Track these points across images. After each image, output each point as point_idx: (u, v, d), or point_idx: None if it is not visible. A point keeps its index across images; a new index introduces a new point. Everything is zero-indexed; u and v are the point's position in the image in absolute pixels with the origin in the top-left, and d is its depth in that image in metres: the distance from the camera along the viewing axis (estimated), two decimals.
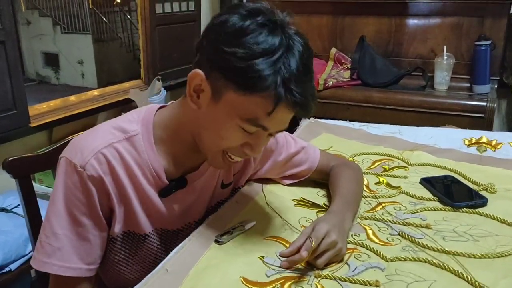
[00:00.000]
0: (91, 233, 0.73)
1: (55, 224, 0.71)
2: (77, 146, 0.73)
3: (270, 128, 0.69)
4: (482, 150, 1.24)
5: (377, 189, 1.01)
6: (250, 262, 0.72)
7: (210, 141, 0.73)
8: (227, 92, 0.66)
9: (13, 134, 1.76)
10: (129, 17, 6.80)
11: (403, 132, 1.37)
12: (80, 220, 0.71)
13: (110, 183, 0.73)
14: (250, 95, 0.64)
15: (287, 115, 0.69)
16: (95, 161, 0.71)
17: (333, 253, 0.71)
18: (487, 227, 0.84)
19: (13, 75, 1.74)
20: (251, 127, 0.68)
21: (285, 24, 0.67)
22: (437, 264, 0.72)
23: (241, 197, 0.94)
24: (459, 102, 2.01)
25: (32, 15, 6.93)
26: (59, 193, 0.71)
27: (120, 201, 0.75)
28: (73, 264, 0.71)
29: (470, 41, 2.15)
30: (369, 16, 2.37)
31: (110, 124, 0.76)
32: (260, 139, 0.71)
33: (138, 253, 0.81)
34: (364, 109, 2.15)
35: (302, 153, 0.97)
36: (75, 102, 2.16)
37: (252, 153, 0.72)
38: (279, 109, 0.65)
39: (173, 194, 0.80)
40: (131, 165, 0.74)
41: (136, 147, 0.75)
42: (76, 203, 0.71)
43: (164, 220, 0.81)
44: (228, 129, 0.69)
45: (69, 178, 0.71)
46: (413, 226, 0.84)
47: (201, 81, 0.68)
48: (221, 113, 0.68)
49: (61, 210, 0.71)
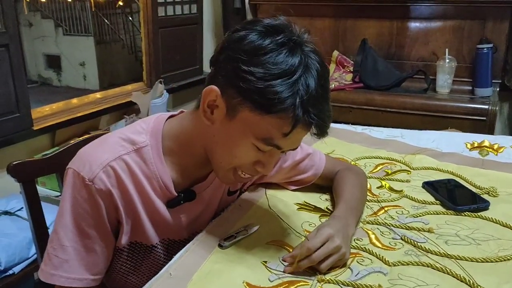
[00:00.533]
0: (98, 244, 0.73)
1: (63, 236, 0.71)
2: (85, 158, 0.72)
3: (284, 148, 0.69)
4: (484, 154, 1.24)
5: (380, 193, 1.01)
6: (253, 267, 0.72)
7: (222, 158, 0.72)
8: (243, 110, 0.65)
9: (16, 137, 1.77)
10: (131, 18, 6.82)
11: (405, 136, 1.37)
12: (88, 232, 0.72)
13: (118, 196, 0.73)
14: (267, 115, 0.64)
15: (302, 134, 0.69)
16: (104, 174, 0.70)
17: (337, 257, 0.71)
18: (489, 231, 0.85)
19: (16, 78, 1.75)
20: (265, 147, 0.67)
21: (303, 42, 0.66)
22: (439, 268, 0.72)
23: (244, 201, 0.94)
24: (461, 105, 2.01)
25: (34, 17, 6.97)
26: (67, 206, 0.72)
27: (128, 213, 0.75)
28: (79, 275, 0.71)
29: (472, 44, 2.16)
30: (371, 19, 2.38)
31: (118, 136, 0.75)
32: (272, 158, 0.71)
33: (145, 263, 0.81)
34: (366, 112, 2.15)
35: (307, 159, 0.96)
36: (77, 105, 2.17)
37: (264, 171, 0.72)
38: (296, 130, 0.65)
39: (181, 206, 0.80)
40: (140, 177, 0.74)
41: (144, 159, 0.74)
42: (84, 215, 0.71)
43: (171, 231, 0.81)
44: (241, 147, 0.68)
45: (77, 191, 0.71)
46: (416, 230, 0.85)
47: (216, 97, 0.67)
48: (235, 131, 0.68)
49: (69, 223, 0.71)
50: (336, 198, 0.90)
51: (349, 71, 2.36)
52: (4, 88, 1.70)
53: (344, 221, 0.78)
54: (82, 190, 0.70)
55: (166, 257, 0.83)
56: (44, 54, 7.11)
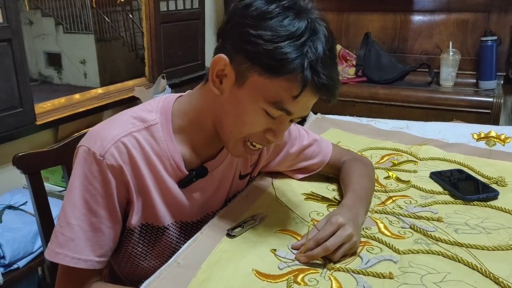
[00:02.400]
0: (105, 224, 0.72)
1: (70, 214, 0.70)
2: (96, 135, 0.72)
3: (294, 113, 0.68)
4: (492, 144, 1.23)
5: (387, 183, 1.01)
6: (262, 255, 0.71)
7: (232, 127, 0.72)
8: (252, 75, 0.66)
9: (19, 132, 1.76)
10: (131, 16, 6.80)
11: (411, 127, 1.37)
12: (96, 211, 0.71)
13: (130, 173, 0.72)
14: (276, 78, 0.64)
15: (312, 100, 0.68)
16: (115, 149, 0.70)
17: (348, 246, 0.70)
18: (499, 220, 0.84)
19: (19, 73, 1.74)
20: (275, 111, 0.67)
21: (308, 8, 0.67)
22: (450, 256, 0.71)
23: (251, 191, 0.93)
24: (465, 98, 2.00)
25: (35, 15, 6.95)
26: (76, 182, 0.71)
27: (139, 192, 0.74)
28: (84, 255, 0.70)
29: (476, 36, 2.15)
30: (374, 12, 2.36)
31: (128, 114, 0.76)
32: (283, 125, 0.71)
33: (157, 246, 0.81)
34: (370, 106, 2.14)
35: (314, 145, 0.96)
36: (80, 100, 2.16)
37: (275, 139, 0.72)
38: (305, 93, 0.65)
39: (193, 185, 0.79)
40: (151, 155, 0.74)
41: (155, 137, 0.74)
42: (93, 192, 0.70)
43: (184, 212, 0.81)
44: (251, 113, 0.68)
45: (87, 167, 0.70)
46: (425, 220, 0.84)
47: (224, 66, 0.68)
48: (245, 97, 0.68)
49: (77, 200, 0.70)
50: (344, 188, 0.89)
51: (352, 65, 2.35)
52: (7, 83, 1.69)
53: (354, 210, 0.78)
54: (93, 166, 0.70)
55: (178, 239, 0.82)
56: (44, 52, 7.09)
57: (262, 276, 0.67)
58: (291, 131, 0.94)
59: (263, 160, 0.94)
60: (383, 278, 0.66)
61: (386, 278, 0.66)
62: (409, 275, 0.67)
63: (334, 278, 0.66)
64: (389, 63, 2.24)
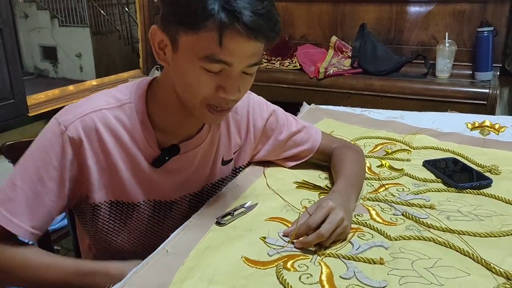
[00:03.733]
0: (49, 197, 0.71)
1: (18, 176, 0.70)
2: (68, 109, 0.74)
3: (233, 62, 0.66)
4: (486, 133, 1.22)
5: (380, 172, 1.00)
6: (252, 243, 0.71)
7: (186, 94, 0.72)
8: (180, 37, 0.66)
9: (11, 123, 1.75)
10: (127, 9, 6.76)
11: (405, 117, 1.36)
12: (44, 181, 0.70)
13: (92, 149, 0.72)
14: (199, 31, 0.63)
15: (243, 44, 0.64)
16: (80, 123, 0.71)
17: (340, 230, 0.70)
18: (492, 207, 0.83)
19: (10, 63, 1.72)
20: (212, 65, 0.66)
21: None
22: (442, 242, 0.70)
23: (242, 180, 0.92)
24: (461, 90, 1.99)
25: (30, 8, 6.90)
26: (34, 148, 0.72)
27: (105, 168, 0.75)
28: (18, 220, 0.68)
29: (472, 27, 2.13)
30: (370, 3, 2.34)
31: (104, 92, 0.78)
32: (231, 79, 0.68)
33: (128, 222, 0.81)
34: (365, 97, 2.13)
35: (303, 132, 0.96)
36: (73, 92, 2.15)
37: (226, 94, 0.69)
38: (229, 38, 0.62)
39: (168, 165, 0.79)
40: (121, 132, 0.74)
41: (127, 115, 0.75)
42: (46, 162, 0.70)
43: (157, 191, 0.81)
44: (192, 74, 0.68)
45: (49, 137, 0.71)
46: (417, 207, 0.83)
47: (160, 36, 0.68)
48: (183, 60, 0.68)
49: (29, 165, 0.70)
50: (335, 174, 0.88)
51: (347, 56, 2.33)
52: None
53: (345, 195, 0.77)
54: (55, 136, 0.71)
55: (152, 217, 0.83)
56: (40, 45, 7.05)
57: (251, 263, 0.66)
58: (279, 118, 0.93)
59: (250, 148, 0.93)
60: (373, 263, 0.65)
61: (376, 263, 0.65)
62: (400, 261, 0.66)
63: (324, 264, 0.65)
64: (384, 54, 2.22)
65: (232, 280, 0.62)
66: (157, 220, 0.84)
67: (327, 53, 2.39)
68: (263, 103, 0.94)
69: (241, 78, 0.70)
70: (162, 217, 0.84)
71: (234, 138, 0.90)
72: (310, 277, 0.62)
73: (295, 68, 2.28)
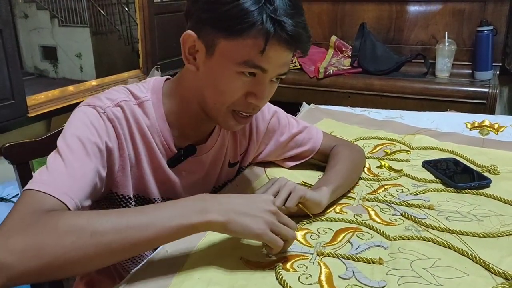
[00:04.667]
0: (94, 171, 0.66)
1: (68, 155, 0.64)
2: (95, 97, 0.73)
3: (268, 69, 0.67)
4: (485, 133, 1.22)
5: (379, 172, 1.00)
6: (251, 243, 0.71)
7: (214, 99, 0.72)
8: (219, 42, 0.66)
9: (11, 124, 1.75)
10: (127, 9, 6.75)
11: (405, 117, 1.36)
12: (89, 154, 0.66)
13: (124, 135, 0.72)
14: (240, 38, 0.64)
15: (282, 53, 0.67)
16: (114, 109, 0.71)
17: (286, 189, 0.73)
18: (491, 207, 0.83)
19: (10, 64, 1.72)
20: (248, 69, 0.67)
21: None
22: (441, 242, 0.71)
23: (242, 181, 0.93)
24: (461, 89, 1.99)
25: (30, 8, 6.89)
26: (72, 129, 0.67)
27: (132, 160, 0.75)
28: (72, 194, 0.61)
29: (472, 26, 2.13)
30: (370, 2, 2.35)
31: (119, 89, 0.77)
32: (262, 85, 0.70)
33: None
34: (365, 97, 2.13)
35: (304, 132, 0.96)
36: (73, 92, 2.15)
37: (257, 101, 0.71)
38: (272, 46, 0.64)
39: (181, 166, 0.79)
40: (144, 127, 0.75)
41: (147, 113, 0.75)
42: (89, 136, 0.67)
43: (171, 191, 0.81)
44: (226, 79, 0.68)
45: (86, 117, 0.69)
46: (416, 207, 0.83)
47: (194, 42, 0.69)
48: (217, 65, 0.68)
49: (73, 144, 0.65)
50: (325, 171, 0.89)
51: (347, 56, 2.34)
52: None
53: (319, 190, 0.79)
54: (94, 115, 0.69)
55: None
56: (40, 45, 7.04)
57: (250, 264, 0.66)
58: (280, 119, 0.94)
59: (253, 149, 0.93)
60: (372, 263, 0.65)
61: (375, 263, 0.65)
62: (399, 261, 0.66)
63: (323, 264, 0.66)
64: (384, 53, 2.23)
65: (231, 281, 0.62)
66: None
67: (327, 52, 2.39)
68: (265, 105, 0.94)
69: (270, 86, 0.72)
70: None
71: (240, 141, 0.90)
72: (309, 277, 0.62)
73: (295, 68, 2.29)
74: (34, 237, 0.52)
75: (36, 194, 0.59)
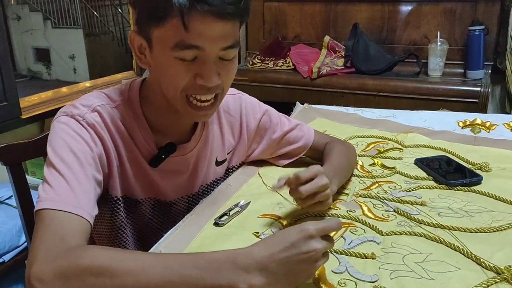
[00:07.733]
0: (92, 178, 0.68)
1: (62, 168, 0.64)
2: (70, 106, 0.74)
3: (203, 46, 0.65)
4: (476, 131, 1.24)
5: (372, 170, 1.01)
6: (245, 239, 0.71)
7: (167, 89, 0.72)
8: (153, 33, 0.67)
9: (4, 126, 1.74)
10: (120, 10, 6.73)
11: (398, 116, 1.37)
12: (83, 163, 0.67)
13: (106, 138, 0.73)
14: (165, 22, 0.65)
15: (208, 24, 0.64)
16: (91, 115, 0.72)
17: (322, 196, 0.72)
18: (482, 203, 0.84)
19: (3, 66, 1.72)
20: (184, 52, 0.66)
21: None
22: (432, 238, 0.71)
23: (235, 180, 0.93)
24: (453, 88, 2.01)
25: (22, 10, 6.86)
26: (59, 142, 0.67)
27: (117, 162, 0.75)
28: (83, 208, 0.63)
29: (464, 26, 2.15)
30: (362, 3, 2.36)
31: (98, 92, 0.78)
32: (206, 65, 0.67)
33: (133, 217, 0.82)
34: (358, 96, 2.14)
35: (296, 129, 0.97)
36: (66, 94, 2.14)
37: (204, 81, 0.68)
38: (194, 19, 0.63)
39: (166, 166, 0.80)
40: (123, 129, 0.75)
41: (125, 115, 0.76)
42: (78, 147, 0.67)
43: (155, 191, 0.82)
44: (169, 66, 0.68)
45: (68, 128, 0.69)
46: (409, 204, 0.84)
47: (139, 40, 0.70)
48: (159, 55, 0.68)
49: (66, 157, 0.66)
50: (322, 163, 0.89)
51: (340, 56, 2.35)
52: None
53: (329, 177, 0.78)
54: (74, 124, 0.70)
55: (152, 215, 0.84)
56: (33, 47, 7.01)
57: None
58: (272, 118, 0.94)
59: (244, 148, 0.94)
60: (365, 258, 0.66)
61: (368, 258, 0.66)
62: (391, 256, 0.67)
63: None
64: (377, 53, 2.24)
65: None
66: (157, 219, 0.85)
67: (320, 53, 2.40)
68: (256, 104, 0.95)
69: (220, 64, 0.70)
70: (163, 216, 0.85)
71: (227, 139, 0.90)
72: None
73: (288, 68, 2.29)
74: (60, 269, 0.53)
75: (50, 213, 0.60)
